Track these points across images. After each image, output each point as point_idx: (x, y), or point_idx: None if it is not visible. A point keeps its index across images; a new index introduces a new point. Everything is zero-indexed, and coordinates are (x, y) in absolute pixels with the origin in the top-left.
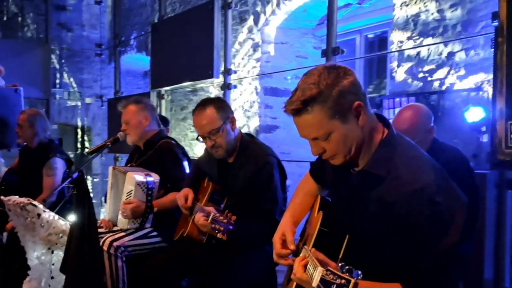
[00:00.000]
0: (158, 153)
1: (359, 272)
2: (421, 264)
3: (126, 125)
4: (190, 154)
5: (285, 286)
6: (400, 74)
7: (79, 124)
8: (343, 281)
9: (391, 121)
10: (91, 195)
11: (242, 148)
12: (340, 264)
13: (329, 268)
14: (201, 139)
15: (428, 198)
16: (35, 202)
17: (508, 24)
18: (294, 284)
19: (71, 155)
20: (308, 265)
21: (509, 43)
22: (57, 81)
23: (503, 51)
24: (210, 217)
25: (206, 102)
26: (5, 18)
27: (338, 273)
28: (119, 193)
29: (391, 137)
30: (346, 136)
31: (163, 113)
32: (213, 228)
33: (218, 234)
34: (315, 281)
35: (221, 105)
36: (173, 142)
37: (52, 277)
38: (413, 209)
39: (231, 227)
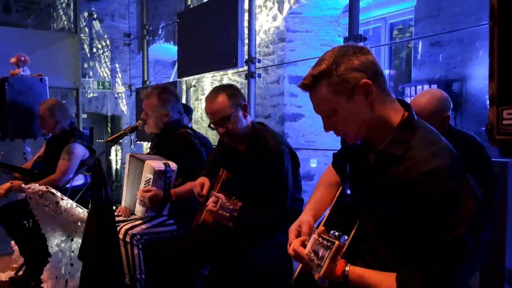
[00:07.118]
0: (175, 142)
1: (346, 237)
2: (427, 248)
3: (146, 115)
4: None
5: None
6: (423, 61)
7: (109, 113)
8: (328, 243)
9: None
10: (117, 184)
11: (254, 136)
12: (332, 231)
13: (321, 235)
14: (212, 126)
15: (441, 180)
16: (53, 190)
17: (499, 7)
18: (300, 266)
19: (101, 144)
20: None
21: (500, 27)
22: (87, 71)
23: (494, 35)
24: (218, 204)
25: (218, 89)
26: (37, 10)
27: (326, 237)
28: (137, 181)
29: (411, 120)
30: (352, 113)
31: (191, 102)
32: (219, 215)
33: (224, 221)
34: (307, 248)
35: (233, 92)
36: (190, 132)
37: (72, 264)
38: (424, 189)
39: (235, 213)
